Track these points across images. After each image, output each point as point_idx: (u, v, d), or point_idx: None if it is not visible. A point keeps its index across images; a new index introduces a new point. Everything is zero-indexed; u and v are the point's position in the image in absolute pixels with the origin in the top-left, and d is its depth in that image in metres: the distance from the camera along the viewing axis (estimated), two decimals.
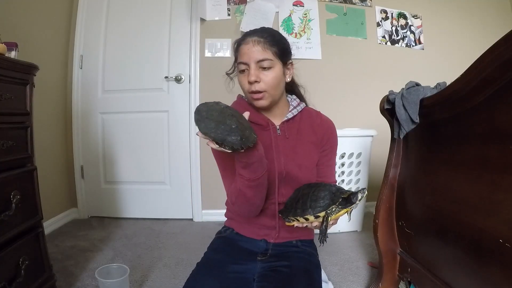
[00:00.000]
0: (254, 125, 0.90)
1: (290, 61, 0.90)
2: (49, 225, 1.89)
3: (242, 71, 0.84)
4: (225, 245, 0.93)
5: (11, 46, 1.14)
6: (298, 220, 0.76)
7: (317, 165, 0.94)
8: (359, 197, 0.72)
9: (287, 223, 0.81)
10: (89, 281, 1.32)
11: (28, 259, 0.98)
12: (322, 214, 0.72)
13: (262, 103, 0.85)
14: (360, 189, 0.72)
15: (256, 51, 0.81)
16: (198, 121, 0.66)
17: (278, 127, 0.92)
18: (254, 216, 0.91)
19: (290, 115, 0.92)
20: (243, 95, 0.95)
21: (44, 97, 1.91)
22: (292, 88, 1.00)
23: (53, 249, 1.61)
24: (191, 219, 2.24)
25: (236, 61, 0.87)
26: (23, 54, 1.25)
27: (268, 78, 0.82)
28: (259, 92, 0.83)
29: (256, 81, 0.81)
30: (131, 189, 2.24)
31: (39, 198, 1.09)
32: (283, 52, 0.85)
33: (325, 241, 0.73)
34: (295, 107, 0.94)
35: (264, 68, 0.82)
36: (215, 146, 0.68)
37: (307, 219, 0.74)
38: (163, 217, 2.23)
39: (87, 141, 2.21)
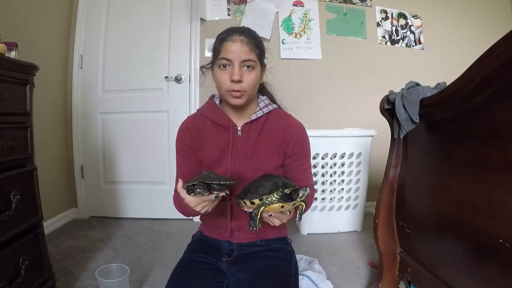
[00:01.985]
0: (216, 126, 0.93)
1: (265, 63, 0.93)
2: (49, 225, 1.89)
3: (224, 66, 0.83)
4: (197, 244, 0.98)
5: (11, 46, 1.14)
6: (244, 204, 0.77)
7: (289, 170, 0.94)
8: (300, 195, 0.72)
9: (239, 205, 0.82)
10: (89, 281, 1.32)
11: (28, 259, 0.98)
12: (256, 201, 0.73)
13: (240, 101, 0.86)
14: (303, 187, 0.73)
15: (243, 51, 0.82)
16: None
17: (239, 128, 0.92)
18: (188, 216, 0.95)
19: (253, 117, 0.92)
20: (214, 95, 0.99)
21: (44, 97, 1.91)
22: (261, 87, 1.00)
23: (53, 249, 1.61)
24: (191, 219, 2.24)
25: (218, 56, 0.85)
26: (23, 54, 1.25)
27: (250, 79, 0.84)
28: (239, 91, 0.83)
29: (239, 81, 0.82)
30: (131, 189, 2.24)
31: (39, 198, 1.09)
32: (262, 54, 0.88)
33: (254, 227, 0.74)
34: (261, 109, 0.94)
35: (247, 68, 0.83)
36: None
37: (245, 204, 0.76)
38: (163, 217, 2.23)
39: (87, 141, 2.21)
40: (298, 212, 0.78)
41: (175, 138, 0.96)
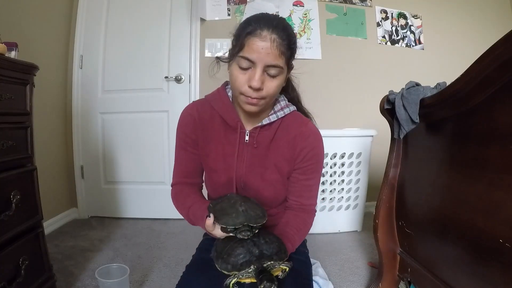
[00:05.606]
0: (224, 125, 0.82)
1: (293, 65, 0.79)
2: (49, 225, 1.89)
3: (244, 67, 0.69)
4: (212, 244, 0.94)
5: (11, 46, 1.14)
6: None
7: (293, 183, 0.84)
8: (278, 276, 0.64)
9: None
10: (89, 281, 1.32)
11: (28, 259, 0.98)
12: (225, 272, 0.67)
13: (254, 109, 0.74)
14: (284, 266, 0.66)
15: (271, 54, 0.66)
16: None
17: (248, 132, 0.81)
18: None
19: (266, 121, 0.80)
20: (228, 82, 0.84)
21: (44, 97, 1.90)
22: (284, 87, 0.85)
23: (53, 249, 1.61)
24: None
25: (240, 51, 0.69)
26: (23, 54, 1.25)
27: (272, 87, 0.71)
28: (256, 98, 0.71)
29: (259, 89, 0.69)
30: (131, 189, 2.24)
31: (39, 198, 1.09)
32: (292, 56, 0.74)
33: None
34: (275, 112, 0.81)
35: (270, 75, 0.70)
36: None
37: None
38: (163, 217, 2.22)
39: (87, 141, 2.21)
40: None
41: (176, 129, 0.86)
